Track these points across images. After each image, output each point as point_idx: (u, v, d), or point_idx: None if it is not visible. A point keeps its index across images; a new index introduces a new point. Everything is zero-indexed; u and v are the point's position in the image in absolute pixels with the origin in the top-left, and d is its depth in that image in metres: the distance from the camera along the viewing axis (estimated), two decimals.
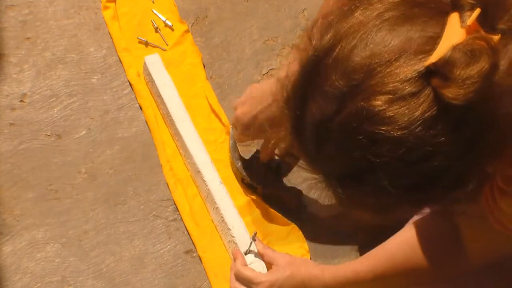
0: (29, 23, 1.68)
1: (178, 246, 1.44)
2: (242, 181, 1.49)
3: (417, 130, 0.69)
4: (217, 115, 1.58)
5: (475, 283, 1.08)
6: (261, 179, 1.48)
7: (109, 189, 1.50)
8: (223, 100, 1.61)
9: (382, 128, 0.70)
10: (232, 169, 1.51)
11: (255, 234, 1.36)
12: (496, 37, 0.69)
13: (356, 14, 0.75)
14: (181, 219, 1.46)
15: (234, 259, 1.34)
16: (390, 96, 0.69)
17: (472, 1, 0.70)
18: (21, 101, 1.58)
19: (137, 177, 1.51)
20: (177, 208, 1.47)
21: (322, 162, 0.78)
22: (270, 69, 1.66)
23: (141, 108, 1.59)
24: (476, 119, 0.69)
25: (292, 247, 1.44)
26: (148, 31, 1.68)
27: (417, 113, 0.69)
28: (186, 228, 1.46)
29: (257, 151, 1.51)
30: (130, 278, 1.40)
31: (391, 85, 0.70)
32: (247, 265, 1.32)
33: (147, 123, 1.57)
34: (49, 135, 1.55)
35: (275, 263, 1.27)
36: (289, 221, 1.46)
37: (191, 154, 1.47)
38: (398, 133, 0.69)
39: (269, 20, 1.71)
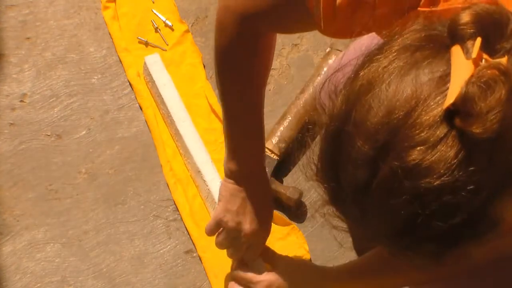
0: (29, 23, 1.68)
1: (178, 246, 1.44)
2: None
3: (455, 172, 0.68)
4: (217, 115, 1.58)
5: (474, 282, 1.08)
6: None
7: (109, 189, 1.50)
8: None
9: (422, 182, 0.68)
10: None
11: None
12: (504, 60, 0.68)
13: (361, 73, 0.73)
14: (181, 219, 1.47)
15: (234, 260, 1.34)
16: (420, 147, 0.68)
17: (470, 30, 0.69)
18: (21, 101, 1.58)
19: (137, 177, 1.51)
20: (177, 208, 1.47)
21: (369, 224, 0.76)
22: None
23: (141, 108, 1.59)
24: (506, 145, 0.68)
25: (292, 247, 1.44)
26: (148, 31, 1.68)
27: (450, 156, 0.68)
28: (186, 228, 1.46)
29: None
30: (130, 278, 1.40)
31: (417, 137, 0.68)
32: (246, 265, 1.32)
33: (147, 123, 1.57)
34: (49, 135, 1.55)
35: (275, 263, 1.27)
36: (289, 221, 1.46)
37: (192, 154, 1.47)
38: (438, 182, 0.68)
39: None
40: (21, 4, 1.70)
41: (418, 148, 0.68)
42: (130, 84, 1.62)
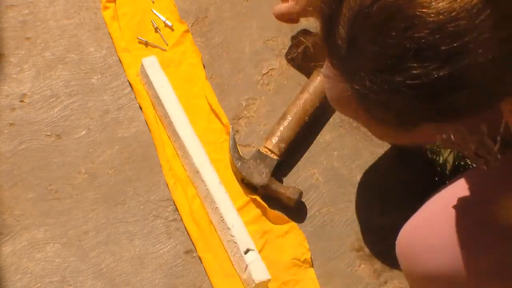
0: (29, 23, 1.68)
1: (178, 246, 1.44)
2: (242, 181, 1.50)
3: (459, 17, 0.67)
4: (217, 115, 1.58)
5: None
6: (261, 179, 1.48)
7: (109, 189, 1.50)
8: (223, 100, 1.61)
9: (423, 11, 0.68)
10: (232, 169, 1.51)
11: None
12: None
13: None
14: (181, 219, 1.47)
15: None
16: None
17: None
18: (21, 101, 1.58)
19: (137, 177, 1.51)
20: (177, 208, 1.48)
21: (353, 58, 0.75)
22: (270, 69, 1.66)
23: (141, 108, 1.59)
24: None
25: (292, 245, 1.44)
26: (148, 31, 1.68)
27: None
28: (186, 228, 1.46)
29: (258, 151, 1.51)
30: (130, 278, 1.40)
31: None
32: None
33: (147, 123, 1.57)
34: (49, 135, 1.55)
35: None
36: (289, 219, 1.46)
37: (190, 154, 1.47)
38: (439, 17, 0.68)
39: (269, 20, 1.71)
40: (21, 4, 1.70)
41: None
42: (130, 84, 1.62)
